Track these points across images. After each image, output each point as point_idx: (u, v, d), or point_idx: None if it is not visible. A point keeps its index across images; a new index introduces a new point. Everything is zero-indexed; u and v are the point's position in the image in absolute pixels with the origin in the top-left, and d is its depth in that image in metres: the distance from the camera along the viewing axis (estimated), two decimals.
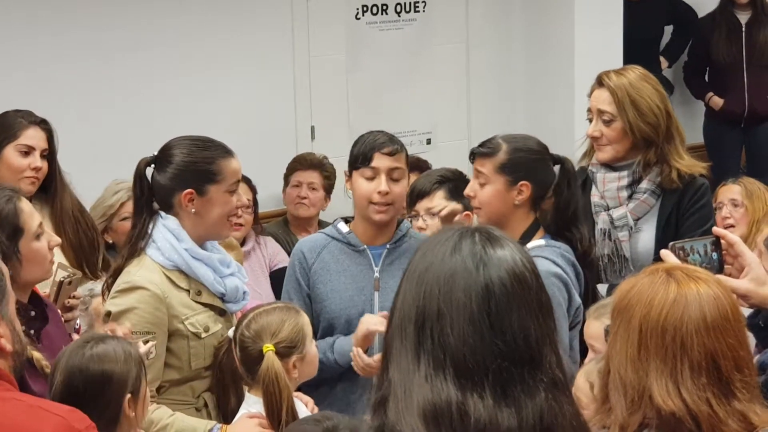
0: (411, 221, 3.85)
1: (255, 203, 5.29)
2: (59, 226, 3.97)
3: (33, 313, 2.96)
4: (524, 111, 6.44)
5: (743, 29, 6.94)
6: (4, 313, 2.28)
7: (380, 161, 3.50)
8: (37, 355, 2.76)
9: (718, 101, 6.98)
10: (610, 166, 3.81)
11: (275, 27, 5.79)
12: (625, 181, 3.77)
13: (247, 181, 5.14)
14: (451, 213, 3.77)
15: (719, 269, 2.57)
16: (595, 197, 3.83)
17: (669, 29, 7.32)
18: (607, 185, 3.79)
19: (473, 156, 3.50)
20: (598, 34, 6.16)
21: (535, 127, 5.65)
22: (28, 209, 3.04)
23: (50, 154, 4.02)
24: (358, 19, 6.07)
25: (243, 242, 5.14)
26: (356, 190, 3.54)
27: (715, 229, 2.68)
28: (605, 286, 3.75)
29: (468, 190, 3.54)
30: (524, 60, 6.45)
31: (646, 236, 3.77)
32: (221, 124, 5.12)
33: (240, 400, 3.14)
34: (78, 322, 3.63)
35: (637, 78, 3.75)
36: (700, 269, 2.17)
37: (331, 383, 3.52)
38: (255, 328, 3.02)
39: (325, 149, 5.72)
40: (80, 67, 5.24)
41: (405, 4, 6.20)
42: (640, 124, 3.70)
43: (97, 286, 3.75)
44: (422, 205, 3.96)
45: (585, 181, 3.84)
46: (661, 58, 7.24)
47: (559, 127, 5.96)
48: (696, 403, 1.97)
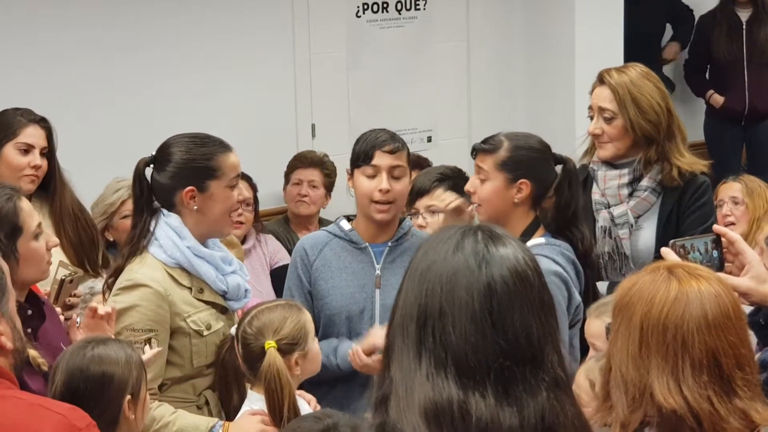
0: (411, 219, 3.85)
1: (255, 201, 5.28)
2: (59, 223, 3.97)
3: (30, 312, 2.95)
4: (525, 109, 6.44)
5: (744, 27, 6.92)
6: (4, 310, 2.28)
7: (381, 159, 3.50)
8: (33, 353, 2.76)
9: (718, 99, 6.97)
10: (611, 163, 3.80)
11: (276, 25, 5.78)
12: (625, 179, 3.76)
13: (248, 179, 5.14)
14: (458, 207, 3.77)
15: (720, 267, 2.56)
16: (595, 195, 3.83)
17: (669, 29, 7.33)
18: (608, 183, 3.79)
19: (475, 152, 3.50)
20: (599, 32, 6.15)
21: (535, 125, 5.65)
22: (28, 208, 3.04)
23: (50, 153, 4.02)
24: (359, 17, 6.06)
25: (244, 240, 5.14)
26: (358, 189, 3.55)
27: (715, 227, 2.67)
28: (605, 283, 3.74)
29: (468, 186, 3.54)
30: (525, 58, 6.45)
31: (647, 234, 3.76)
32: (222, 122, 5.11)
33: (242, 397, 3.14)
34: (78, 320, 3.63)
35: (638, 76, 3.75)
36: (701, 267, 2.17)
37: (331, 382, 3.51)
38: (257, 325, 3.03)
39: (325, 147, 5.72)
40: (80, 66, 5.23)
41: (405, 1, 6.19)
42: (641, 122, 3.70)
43: (97, 284, 3.75)
44: (422, 203, 3.95)
45: (586, 179, 3.84)
46: (672, 44, 7.20)
47: (560, 125, 5.95)
48: (697, 400, 1.96)
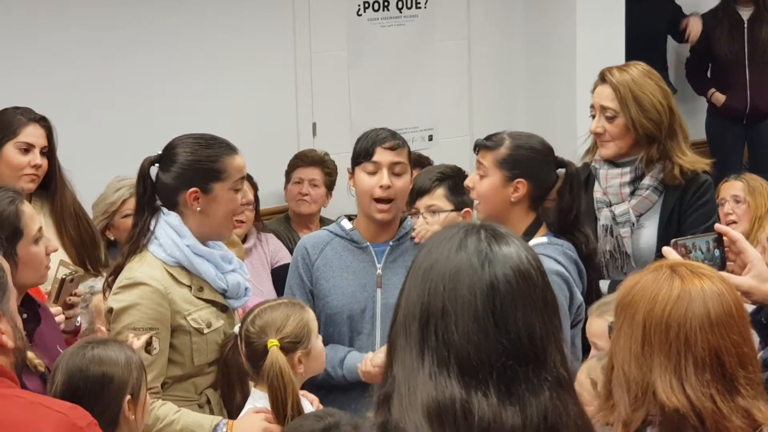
0: (411, 218, 3.84)
1: (256, 200, 5.28)
2: (60, 223, 3.97)
3: (25, 315, 2.94)
4: (526, 108, 6.43)
5: (745, 25, 6.92)
6: (5, 309, 2.27)
7: (382, 155, 3.50)
8: (29, 354, 2.75)
9: (720, 98, 6.96)
10: (612, 162, 3.80)
11: (276, 24, 5.78)
12: (627, 178, 3.76)
13: (249, 178, 5.10)
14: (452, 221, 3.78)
15: (721, 266, 2.56)
16: (597, 193, 3.82)
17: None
18: (610, 181, 3.79)
19: (477, 148, 3.50)
20: (600, 30, 6.14)
21: (536, 124, 5.65)
22: (30, 212, 3.03)
23: (50, 152, 4.01)
24: (360, 16, 6.06)
25: (244, 239, 5.14)
26: (359, 186, 3.54)
27: (717, 225, 2.67)
28: (606, 282, 3.74)
29: (468, 181, 3.55)
30: (526, 56, 6.44)
31: (648, 233, 3.76)
32: (222, 121, 5.11)
33: (245, 396, 3.14)
34: (79, 319, 3.63)
35: (639, 74, 3.74)
36: (704, 265, 2.16)
37: (328, 386, 3.49)
38: (260, 323, 3.03)
39: (326, 146, 5.71)
40: (80, 65, 5.23)
41: (406, 0, 6.19)
42: (642, 121, 3.70)
43: (97, 283, 3.75)
44: (422, 203, 3.95)
45: (588, 178, 3.84)
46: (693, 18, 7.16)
47: (561, 124, 5.95)
48: (700, 399, 1.96)
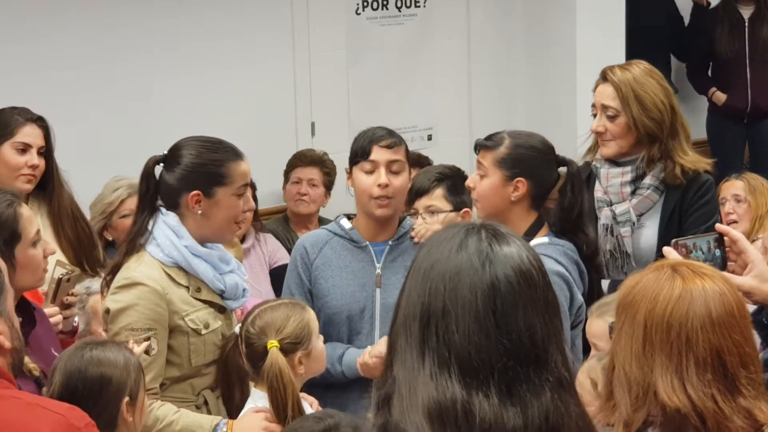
0: (410, 219, 3.83)
1: (255, 200, 5.27)
2: (57, 223, 3.96)
3: (20, 319, 2.93)
4: (525, 106, 6.43)
5: (746, 24, 6.92)
6: (2, 309, 2.27)
7: (379, 154, 3.49)
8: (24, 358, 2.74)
9: (721, 97, 6.96)
10: (614, 161, 3.79)
11: (275, 23, 5.77)
12: (628, 177, 3.75)
13: None
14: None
15: (722, 266, 2.56)
16: (598, 192, 3.82)
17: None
18: (611, 180, 3.78)
19: (477, 148, 3.50)
20: (600, 29, 6.14)
21: (536, 124, 5.64)
22: (28, 215, 3.03)
23: (47, 152, 4.00)
24: (359, 15, 6.05)
25: (243, 239, 5.13)
26: (357, 186, 3.54)
27: (718, 225, 2.67)
28: (606, 282, 3.74)
29: (469, 181, 3.55)
30: (526, 55, 6.44)
31: (649, 232, 3.75)
32: (221, 120, 5.11)
33: (245, 396, 3.13)
34: (76, 319, 3.62)
35: (641, 73, 3.73)
36: (705, 265, 2.16)
37: (326, 385, 3.47)
38: (260, 324, 3.02)
39: (325, 146, 5.71)
40: (78, 66, 5.22)
41: None
42: (644, 120, 3.69)
43: (94, 283, 3.74)
44: (421, 203, 3.94)
45: (589, 177, 3.83)
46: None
47: (561, 123, 5.95)
48: (701, 399, 1.96)
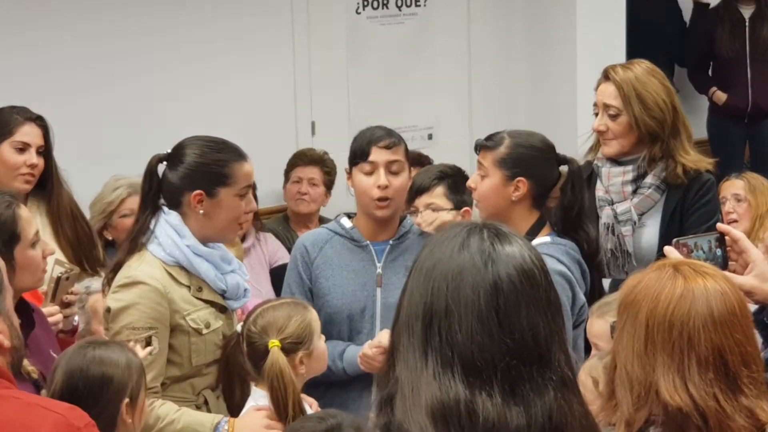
0: (411, 217, 3.83)
1: (255, 199, 5.26)
2: (56, 223, 3.95)
3: (19, 321, 2.92)
4: (526, 106, 6.43)
5: (747, 24, 6.92)
6: (2, 308, 2.26)
7: (378, 155, 3.48)
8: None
9: (721, 96, 6.96)
10: (615, 160, 3.80)
11: (276, 23, 5.77)
12: (629, 176, 3.75)
13: None
14: (442, 226, 3.77)
15: (723, 266, 2.56)
16: (599, 192, 3.82)
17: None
18: (612, 180, 3.78)
19: (477, 148, 3.49)
20: (601, 28, 6.14)
21: (536, 123, 5.64)
22: (27, 216, 3.03)
23: (46, 151, 3.99)
24: (359, 14, 6.05)
25: (243, 239, 5.13)
26: (357, 187, 3.53)
27: (719, 225, 2.67)
28: (607, 281, 3.73)
29: (470, 182, 3.54)
30: (526, 54, 6.44)
31: (650, 231, 3.76)
32: (221, 119, 5.10)
33: (245, 395, 3.13)
34: (76, 318, 3.61)
35: (643, 72, 3.73)
36: (706, 264, 2.16)
37: (327, 384, 3.47)
38: (262, 323, 3.02)
39: (325, 145, 5.70)
40: (78, 66, 5.22)
41: None
42: (645, 119, 3.69)
43: (94, 283, 3.74)
44: (422, 201, 3.94)
45: (590, 176, 3.83)
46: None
47: (562, 123, 5.95)
48: (703, 398, 1.96)
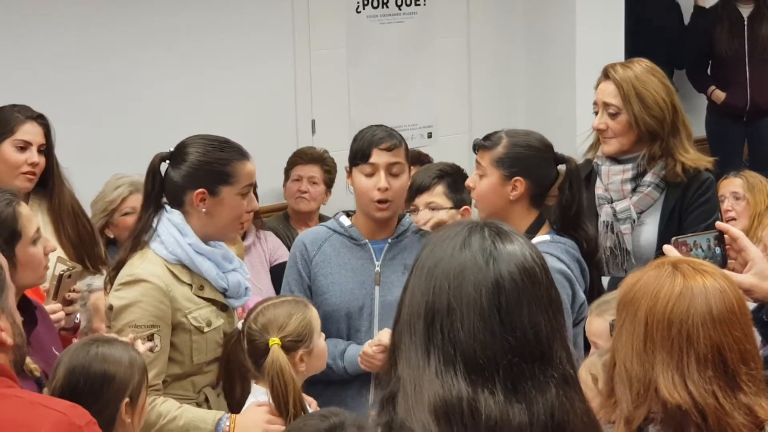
0: (410, 215, 3.84)
1: (255, 197, 5.26)
2: (58, 221, 3.95)
3: (21, 318, 2.93)
4: (525, 104, 6.44)
5: (745, 23, 6.92)
6: (4, 306, 2.26)
7: (379, 157, 3.47)
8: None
9: (720, 95, 6.97)
10: (615, 158, 3.80)
11: (276, 21, 5.77)
12: (629, 174, 3.76)
13: None
14: (440, 222, 3.77)
15: (722, 264, 2.56)
16: (599, 190, 3.82)
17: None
18: (612, 178, 3.79)
19: (476, 148, 3.50)
20: (600, 27, 6.15)
21: (536, 122, 5.65)
22: (27, 214, 3.03)
23: (47, 149, 3.99)
24: (359, 13, 6.05)
25: (243, 237, 5.13)
26: (356, 187, 3.52)
27: (718, 223, 2.67)
28: (606, 279, 3.74)
29: (468, 181, 3.54)
30: (525, 53, 6.44)
31: (649, 230, 3.76)
32: (221, 118, 5.10)
33: (246, 392, 3.13)
34: (78, 316, 3.62)
35: (643, 71, 3.74)
36: (705, 263, 2.16)
37: (325, 381, 3.47)
38: (262, 321, 3.03)
39: (325, 143, 5.71)
40: (79, 64, 5.22)
41: None
42: (645, 118, 3.69)
43: (95, 280, 3.74)
44: (422, 200, 3.95)
45: (590, 174, 3.84)
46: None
47: (561, 121, 5.96)
48: (702, 395, 1.96)
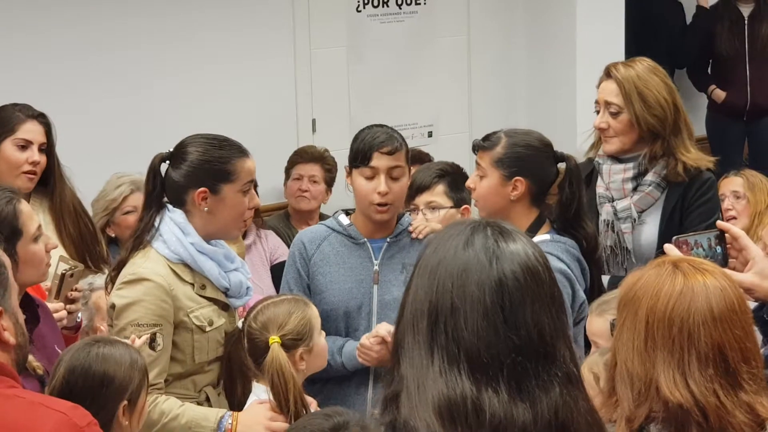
0: (410, 215, 3.84)
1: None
2: (59, 220, 3.95)
3: (24, 316, 2.93)
4: (526, 104, 6.43)
5: (746, 22, 6.92)
6: (6, 305, 2.26)
7: (379, 161, 3.45)
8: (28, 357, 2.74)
9: (720, 94, 6.96)
10: (616, 157, 3.80)
11: (276, 20, 5.77)
12: (630, 173, 3.76)
13: None
14: (432, 233, 3.78)
15: (723, 263, 2.56)
16: (600, 188, 3.82)
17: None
18: (613, 177, 3.79)
19: (475, 148, 3.50)
20: (600, 26, 6.15)
21: (536, 120, 5.66)
22: (28, 211, 3.03)
23: (49, 148, 3.99)
24: (359, 12, 6.05)
25: (244, 236, 5.13)
26: (356, 189, 3.52)
27: (719, 222, 2.67)
28: (606, 277, 3.74)
29: (469, 182, 3.54)
30: (526, 52, 6.44)
31: (650, 229, 3.76)
32: (222, 117, 5.11)
33: (247, 391, 3.14)
34: (80, 315, 3.62)
35: (645, 70, 3.74)
36: (706, 261, 2.16)
37: (324, 379, 3.47)
38: (262, 319, 3.03)
39: (326, 142, 5.70)
40: (80, 62, 5.21)
41: None
42: (646, 117, 3.69)
43: (97, 279, 3.74)
44: (422, 199, 3.95)
45: (591, 172, 3.84)
46: None
47: (561, 120, 5.96)
48: (703, 394, 1.96)
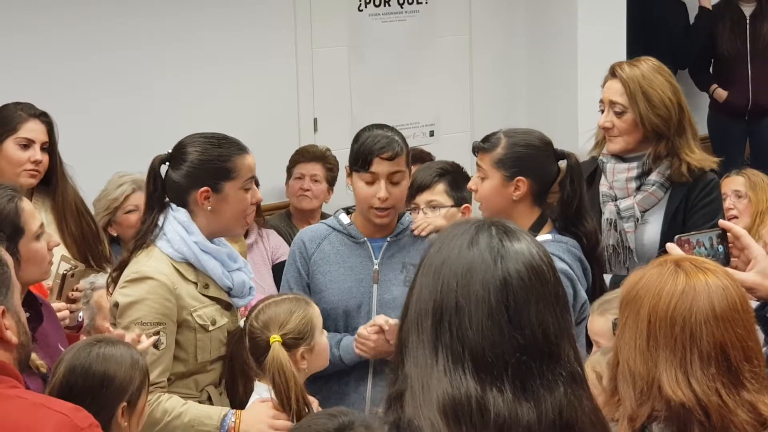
0: (410, 214, 3.83)
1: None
2: (61, 219, 3.95)
3: (28, 314, 2.93)
4: (527, 103, 6.43)
5: (747, 21, 6.91)
6: (9, 304, 2.26)
7: (380, 166, 3.44)
8: (32, 355, 2.73)
9: (722, 93, 6.96)
10: (620, 157, 3.80)
11: (278, 19, 5.77)
12: (634, 173, 3.76)
13: None
14: (435, 231, 3.79)
15: (725, 262, 2.56)
16: (603, 187, 3.82)
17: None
18: (616, 176, 3.79)
19: (475, 150, 3.49)
20: (601, 26, 6.15)
21: (537, 120, 5.66)
22: (30, 209, 3.03)
23: (51, 147, 3.99)
24: (361, 11, 6.05)
25: (246, 235, 5.13)
26: (356, 192, 3.51)
27: (721, 222, 2.67)
28: (608, 276, 3.74)
29: (470, 184, 3.54)
30: (527, 52, 6.44)
31: (652, 229, 3.76)
32: (223, 117, 5.11)
33: (248, 389, 3.14)
34: (81, 314, 3.62)
35: (649, 70, 3.73)
36: (708, 261, 2.17)
37: (325, 376, 3.47)
38: (263, 318, 3.04)
39: (327, 141, 5.71)
40: (82, 61, 5.21)
41: None
42: (651, 117, 3.69)
43: (98, 279, 3.74)
44: (422, 198, 3.94)
45: (595, 171, 3.84)
46: None
47: (562, 120, 5.96)
48: (706, 393, 1.97)
